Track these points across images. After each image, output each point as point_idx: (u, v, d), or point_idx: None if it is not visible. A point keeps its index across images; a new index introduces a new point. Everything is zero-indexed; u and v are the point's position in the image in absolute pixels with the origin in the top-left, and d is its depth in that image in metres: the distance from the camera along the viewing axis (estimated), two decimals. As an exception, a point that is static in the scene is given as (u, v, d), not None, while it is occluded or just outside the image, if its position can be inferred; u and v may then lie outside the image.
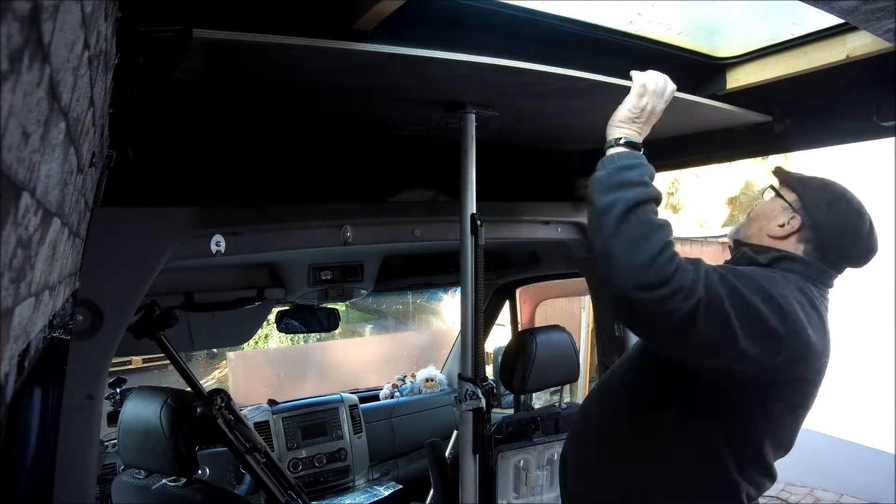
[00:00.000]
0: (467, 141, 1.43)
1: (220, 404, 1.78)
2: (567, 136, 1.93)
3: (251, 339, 3.28)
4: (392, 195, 1.89)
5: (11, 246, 0.36)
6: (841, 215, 1.17)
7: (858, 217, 1.18)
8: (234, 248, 1.47)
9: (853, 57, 1.22)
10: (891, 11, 0.85)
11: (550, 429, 2.03)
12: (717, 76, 1.51)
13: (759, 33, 1.39)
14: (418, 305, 9.00)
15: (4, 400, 0.42)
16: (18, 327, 0.44)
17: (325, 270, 2.05)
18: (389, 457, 2.95)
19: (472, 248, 1.42)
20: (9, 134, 0.30)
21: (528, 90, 1.29)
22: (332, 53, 0.99)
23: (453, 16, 1.17)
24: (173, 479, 1.67)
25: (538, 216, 2.00)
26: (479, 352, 1.43)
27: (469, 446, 1.42)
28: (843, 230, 1.17)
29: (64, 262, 0.73)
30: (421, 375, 3.39)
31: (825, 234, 1.17)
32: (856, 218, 1.18)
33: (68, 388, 1.16)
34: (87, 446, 1.20)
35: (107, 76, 0.71)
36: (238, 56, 1.00)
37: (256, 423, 2.53)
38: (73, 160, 0.56)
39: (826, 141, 1.66)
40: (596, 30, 1.32)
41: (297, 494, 1.97)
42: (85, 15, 0.44)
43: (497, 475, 1.89)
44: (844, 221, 1.17)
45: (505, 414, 2.39)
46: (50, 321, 0.72)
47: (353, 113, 1.53)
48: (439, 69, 1.11)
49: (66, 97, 0.45)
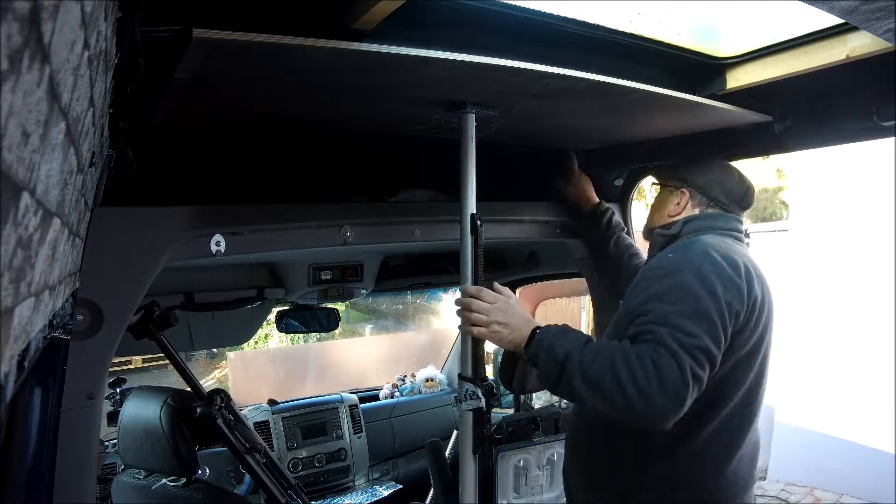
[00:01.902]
0: (467, 141, 1.42)
1: (220, 404, 1.77)
2: (567, 136, 1.93)
3: (251, 339, 3.28)
4: (392, 195, 1.89)
5: (11, 246, 0.36)
6: (714, 171, 1.49)
7: (726, 169, 1.50)
8: (234, 248, 1.47)
9: (853, 57, 1.22)
10: (891, 11, 0.85)
11: (550, 429, 2.03)
12: (717, 76, 1.51)
13: (759, 33, 1.39)
14: (418, 305, 9.00)
15: (4, 400, 0.42)
16: (18, 327, 0.44)
17: (325, 270, 2.05)
18: (389, 457, 2.95)
19: (472, 248, 1.42)
20: (9, 134, 0.30)
21: (527, 90, 1.28)
22: (332, 53, 0.99)
23: (453, 16, 1.17)
24: (173, 479, 1.67)
25: (538, 216, 2.00)
26: (479, 352, 1.43)
27: (469, 446, 1.42)
28: (720, 180, 1.47)
29: (64, 262, 0.73)
30: (421, 375, 3.39)
31: (709, 189, 1.46)
32: (725, 169, 1.50)
33: (68, 388, 1.16)
34: (87, 446, 1.20)
35: (107, 76, 0.71)
36: (238, 56, 1.00)
37: (256, 423, 2.54)
38: (73, 160, 0.56)
39: (826, 141, 1.66)
40: (596, 30, 1.32)
41: (297, 494, 1.97)
42: (85, 15, 0.44)
43: (497, 475, 1.89)
44: (719, 174, 1.48)
45: (505, 414, 2.39)
46: (50, 321, 0.72)
47: (353, 113, 1.53)
48: (439, 69, 1.11)
49: (66, 97, 0.45)
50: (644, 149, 1.97)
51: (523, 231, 2.00)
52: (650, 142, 1.94)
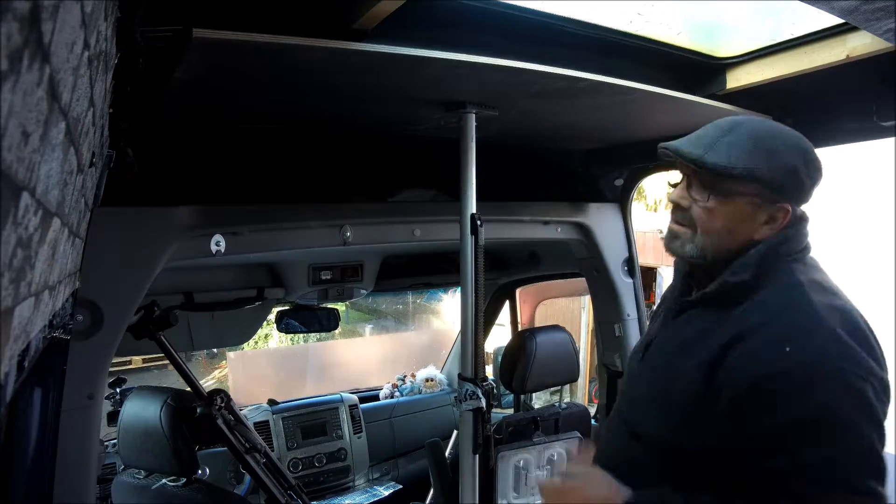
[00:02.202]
0: (467, 141, 1.43)
1: (220, 404, 1.77)
2: (567, 136, 1.93)
3: (251, 339, 3.28)
4: (392, 195, 1.89)
5: (11, 246, 0.36)
6: (786, 155, 0.94)
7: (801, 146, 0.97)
8: (234, 248, 1.47)
9: (853, 57, 1.22)
10: (891, 11, 0.85)
11: (550, 429, 2.03)
12: (717, 76, 1.51)
13: (759, 33, 1.39)
14: (418, 305, 8.99)
15: (4, 400, 0.42)
16: (18, 327, 0.44)
17: (325, 270, 2.05)
18: (389, 457, 2.95)
19: (472, 248, 1.42)
20: (9, 134, 0.30)
21: (527, 90, 1.28)
22: (332, 53, 0.99)
23: (453, 16, 1.17)
24: (173, 479, 1.67)
25: (538, 216, 2.00)
26: (479, 352, 1.43)
27: (469, 446, 1.42)
28: (790, 162, 0.94)
29: (64, 262, 0.73)
30: (421, 375, 3.39)
31: (782, 185, 0.94)
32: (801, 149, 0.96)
33: (68, 388, 1.16)
34: (87, 446, 1.20)
35: (107, 76, 0.71)
36: (238, 56, 1.00)
37: (256, 423, 2.53)
38: (73, 160, 0.56)
39: (826, 141, 1.66)
40: (596, 30, 1.32)
41: (296, 494, 1.97)
42: (85, 15, 0.44)
43: (497, 475, 1.89)
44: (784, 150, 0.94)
45: (505, 414, 2.39)
46: (50, 321, 0.72)
47: (353, 113, 1.53)
48: (439, 69, 1.11)
49: (66, 97, 0.45)
50: (644, 149, 1.97)
51: (523, 231, 2.00)
52: (650, 142, 1.93)
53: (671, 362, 1.01)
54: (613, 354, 2.18)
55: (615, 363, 2.18)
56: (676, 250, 1.02)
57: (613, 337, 2.17)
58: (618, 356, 2.17)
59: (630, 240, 2.17)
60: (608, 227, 2.13)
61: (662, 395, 1.00)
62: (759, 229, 0.96)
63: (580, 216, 2.06)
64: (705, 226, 0.98)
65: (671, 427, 0.97)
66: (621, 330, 2.15)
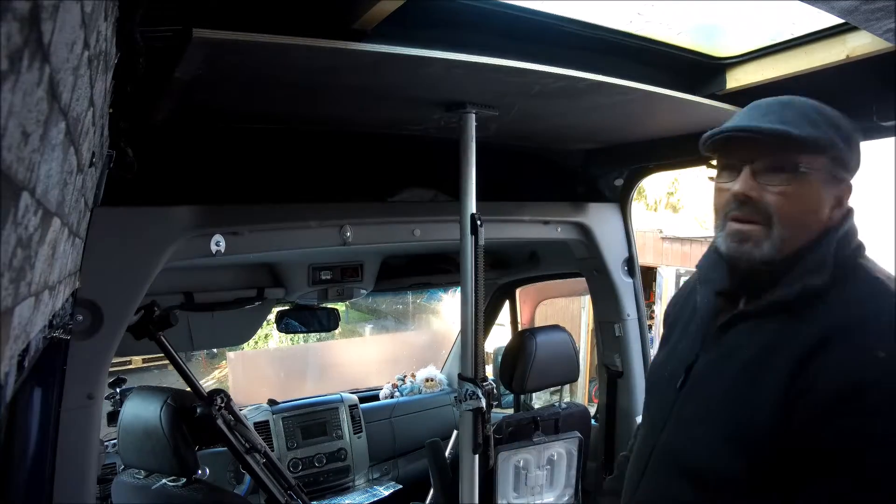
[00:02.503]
0: (467, 141, 1.43)
1: (219, 404, 1.77)
2: (567, 136, 1.93)
3: (251, 339, 3.28)
4: (392, 195, 1.89)
5: (11, 246, 0.36)
6: (845, 127, 0.87)
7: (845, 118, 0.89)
8: (234, 248, 1.47)
9: (853, 57, 1.22)
10: (891, 11, 0.85)
11: (550, 429, 2.03)
12: (717, 76, 1.51)
13: (759, 33, 1.39)
14: (418, 305, 8.99)
15: (4, 400, 0.42)
16: (18, 327, 0.44)
17: (325, 270, 2.05)
18: (389, 457, 2.95)
19: (472, 248, 1.42)
20: (9, 134, 0.30)
21: (527, 90, 1.29)
22: (332, 53, 0.99)
23: (453, 16, 1.17)
24: (173, 479, 1.67)
25: (538, 216, 2.00)
26: (479, 352, 1.43)
27: (469, 446, 1.42)
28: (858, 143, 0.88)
29: (64, 262, 0.73)
30: (421, 375, 3.39)
31: (849, 158, 0.87)
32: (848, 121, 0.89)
33: (68, 388, 1.16)
34: (87, 446, 1.20)
35: (107, 76, 0.71)
36: (238, 56, 1.00)
37: (256, 423, 2.53)
38: (73, 160, 0.56)
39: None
40: (596, 30, 1.32)
41: (296, 494, 1.97)
42: (85, 15, 0.44)
43: (497, 475, 1.89)
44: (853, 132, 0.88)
45: (505, 414, 2.39)
46: (50, 321, 0.72)
47: (353, 113, 1.53)
48: (439, 69, 1.11)
49: (66, 97, 0.45)
50: (644, 148, 1.97)
51: (523, 231, 2.00)
52: (650, 142, 1.94)
53: (735, 389, 0.87)
54: (613, 354, 2.18)
55: (615, 363, 2.18)
56: (747, 255, 0.86)
57: (613, 337, 2.17)
58: (618, 356, 2.17)
59: (630, 240, 2.17)
60: (608, 227, 2.13)
61: (731, 426, 0.86)
62: (830, 214, 0.86)
63: (580, 216, 2.06)
64: (784, 215, 0.84)
65: (745, 463, 0.83)
66: (621, 330, 2.15)
